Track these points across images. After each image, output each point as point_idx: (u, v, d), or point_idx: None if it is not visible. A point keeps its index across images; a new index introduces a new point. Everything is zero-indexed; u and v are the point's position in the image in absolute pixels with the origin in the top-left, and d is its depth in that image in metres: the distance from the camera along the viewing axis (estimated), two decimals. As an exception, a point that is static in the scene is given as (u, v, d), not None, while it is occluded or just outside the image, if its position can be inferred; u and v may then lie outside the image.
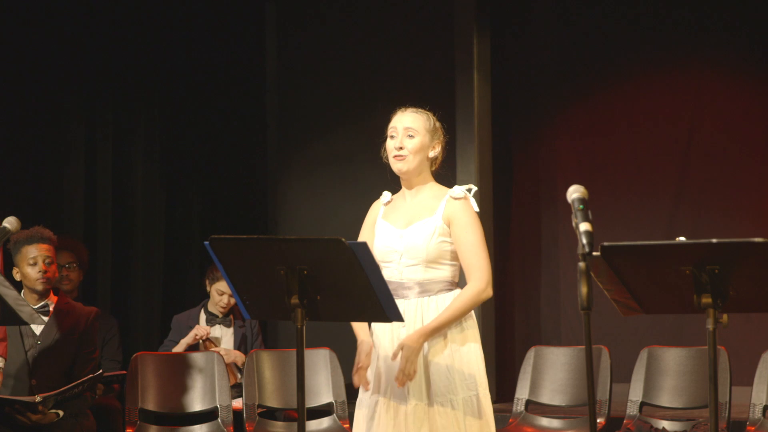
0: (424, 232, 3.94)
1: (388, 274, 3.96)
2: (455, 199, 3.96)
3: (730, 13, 7.35)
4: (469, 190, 4.00)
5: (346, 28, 7.83)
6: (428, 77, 7.47)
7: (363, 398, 4.01)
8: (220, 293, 6.27)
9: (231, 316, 6.34)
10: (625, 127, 7.60)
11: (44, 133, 7.09)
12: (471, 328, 3.97)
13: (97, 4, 7.24)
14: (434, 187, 4.04)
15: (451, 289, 3.96)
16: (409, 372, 3.81)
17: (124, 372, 5.76)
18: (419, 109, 4.07)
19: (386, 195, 4.15)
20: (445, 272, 3.95)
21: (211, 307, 6.35)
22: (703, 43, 7.44)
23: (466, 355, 3.93)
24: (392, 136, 4.03)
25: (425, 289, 3.94)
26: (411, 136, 4.00)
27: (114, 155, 7.40)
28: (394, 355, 3.85)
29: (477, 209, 3.98)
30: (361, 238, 4.10)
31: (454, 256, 3.96)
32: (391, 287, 3.95)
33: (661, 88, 7.55)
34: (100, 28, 7.26)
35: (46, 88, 7.05)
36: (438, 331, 3.88)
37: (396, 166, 4.01)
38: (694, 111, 7.45)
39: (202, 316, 6.35)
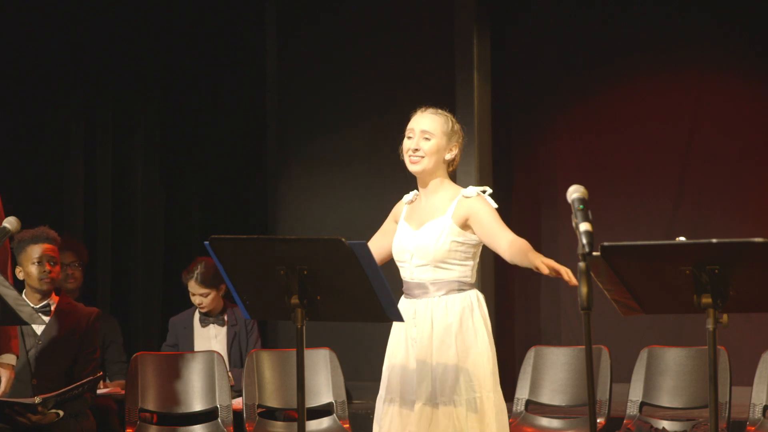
0: (433, 232, 3.95)
1: (403, 274, 4.02)
2: (467, 197, 3.97)
3: (730, 13, 7.34)
4: (484, 191, 4.00)
5: (346, 28, 7.83)
6: (428, 77, 7.46)
7: (381, 399, 4.04)
8: (192, 294, 6.25)
9: (224, 315, 6.33)
10: (625, 127, 7.60)
11: (44, 132, 7.10)
12: (483, 328, 3.97)
13: (97, 3, 7.25)
14: (449, 188, 4.05)
15: (462, 290, 3.96)
16: (569, 278, 3.63)
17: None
18: (438, 111, 4.07)
19: (409, 195, 4.16)
20: (456, 273, 3.96)
21: None
22: (703, 43, 7.43)
23: (473, 356, 3.92)
24: (409, 137, 4.04)
25: (435, 289, 3.95)
26: (427, 139, 4.00)
27: (114, 155, 7.40)
28: (563, 273, 3.65)
29: (495, 205, 3.98)
30: (380, 229, 4.17)
31: (466, 257, 3.97)
32: (405, 287, 3.98)
33: (661, 88, 7.54)
34: (101, 28, 7.27)
35: (46, 88, 7.05)
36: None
37: (411, 167, 4.03)
38: (694, 111, 7.44)
39: (196, 317, 6.34)
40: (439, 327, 3.93)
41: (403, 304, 3.95)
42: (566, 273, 3.63)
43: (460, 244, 3.95)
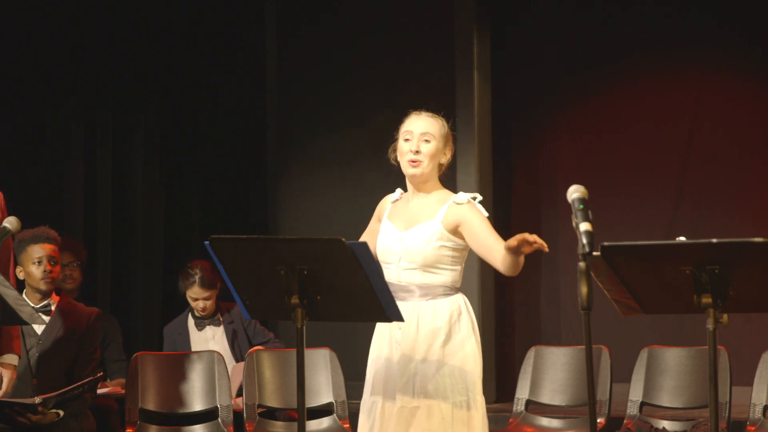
0: (423, 235, 3.91)
1: (388, 275, 3.93)
2: (458, 204, 3.93)
3: (730, 13, 7.34)
4: (474, 198, 3.96)
5: (346, 28, 7.84)
6: (428, 77, 7.47)
7: (365, 399, 4.02)
8: (194, 299, 6.23)
9: (219, 315, 6.31)
10: (625, 127, 7.60)
11: (44, 132, 7.10)
12: (470, 331, 3.95)
13: (97, 3, 7.25)
14: (440, 192, 4.00)
15: (450, 294, 3.93)
16: (534, 238, 3.59)
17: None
18: (434, 114, 4.02)
19: (397, 192, 4.11)
20: (444, 277, 3.93)
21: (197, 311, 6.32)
22: (703, 43, 7.44)
23: (461, 360, 3.90)
24: (407, 140, 3.98)
25: (423, 293, 3.92)
26: (427, 141, 3.95)
27: (114, 155, 7.40)
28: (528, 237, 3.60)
29: (486, 213, 3.95)
30: (367, 229, 4.14)
31: (454, 261, 3.93)
32: (390, 289, 3.95)
33: (661, 88, 7.54)
34: (100, 28, 7.27)
35: (46, 88, 7.05)
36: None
37: (410, 171, 3.96)
38: (694, 111, 7.45)
39: (191, 321, 6.32)
40: (426, 331, 3.89)
41: None
42: (532, 237, 3.57)
43: (448, 249, 3.91)
